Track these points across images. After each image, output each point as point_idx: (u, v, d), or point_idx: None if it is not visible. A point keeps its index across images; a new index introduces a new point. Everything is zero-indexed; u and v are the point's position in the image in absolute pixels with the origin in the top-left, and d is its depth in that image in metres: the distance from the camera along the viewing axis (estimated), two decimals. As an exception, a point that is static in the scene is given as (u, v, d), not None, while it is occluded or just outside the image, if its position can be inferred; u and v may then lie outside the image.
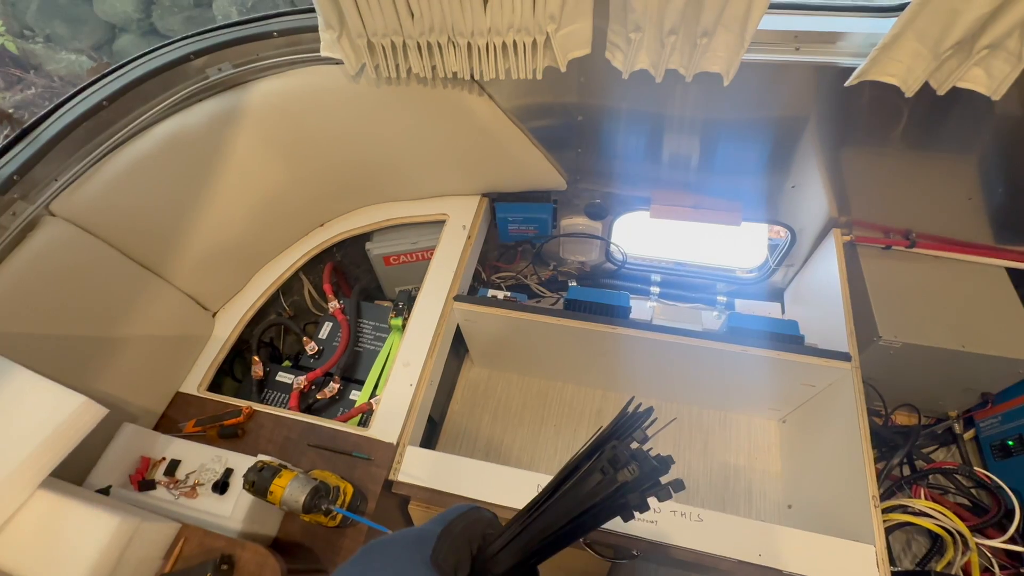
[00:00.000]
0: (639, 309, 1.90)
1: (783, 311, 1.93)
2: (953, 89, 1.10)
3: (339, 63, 1.32)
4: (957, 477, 1.65)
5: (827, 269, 1.63)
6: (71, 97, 1.21)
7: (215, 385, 1.55)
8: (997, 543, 1.45)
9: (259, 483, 1.04)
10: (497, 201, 1.83)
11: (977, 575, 1.44)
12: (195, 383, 1.48)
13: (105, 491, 1.15)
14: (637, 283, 2.09)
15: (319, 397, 1.58)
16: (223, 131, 1.38)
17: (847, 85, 1.16)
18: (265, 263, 1.74)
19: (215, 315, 1.63)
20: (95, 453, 1.22)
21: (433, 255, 1.67)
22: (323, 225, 1.83)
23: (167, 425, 1.40)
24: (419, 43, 1.22)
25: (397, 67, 1.30)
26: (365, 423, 1.46)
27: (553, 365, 1.88)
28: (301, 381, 1.59)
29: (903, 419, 1.83)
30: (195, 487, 1.21)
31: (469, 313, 1.59)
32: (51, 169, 1.16)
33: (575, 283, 2.11)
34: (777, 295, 2.00)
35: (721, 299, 2.00)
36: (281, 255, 1.76)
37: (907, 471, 1.72)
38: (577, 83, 1.38)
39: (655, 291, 2.04)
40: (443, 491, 1.24)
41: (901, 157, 1.39)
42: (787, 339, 1.46)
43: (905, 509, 1.56)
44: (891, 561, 1.41)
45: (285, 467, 1.08)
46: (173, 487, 1.21)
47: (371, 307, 1.83)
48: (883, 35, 1.05)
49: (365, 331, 1.77)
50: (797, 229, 1.72)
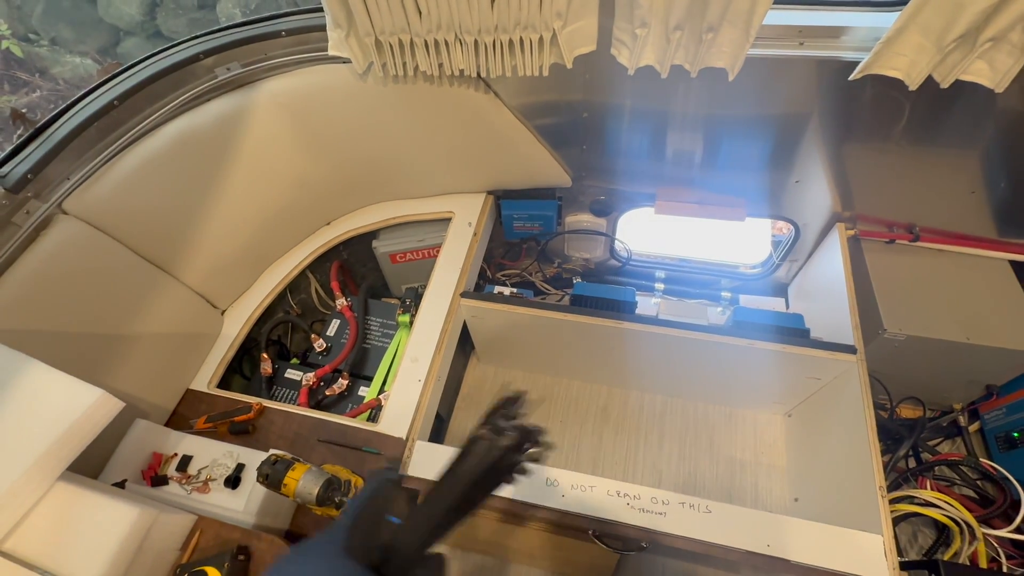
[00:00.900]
0: (644, 305, 1.91)
1: (787, 306, 1.94)
2: (956, 83, 1.11)
3: (347, 62, 1.33)
4: (962, 469, 1.66)
5: (831, 263, 1.63)
6: (82, 97, 1.23)
7: (224, 383, 1.56)
8: (1003, 533, 1.45)
9: (273, 476, 1.05)
10: (502, 198, 1.84)
11: (984, 565, 1.45)
12: (205, 380, 1.50)
13: (121, 485, 1.16)
14: (642, 280, 2.10)
15: (328, 393, 1.60)
16: (232, 130, 1.40)
17: (851, 79, 1.17)
18: (273, 261, 1.75)
19: (224, 313, 1.65)
20: (108, 450, 1.24)
21: (439, 252, 1.68)
22: (330, 223, 1.84)
23: (178, 422, 1.42)
24: (426, 41, 1.24)
25: (404, 65, 1.31)
26: (374, 419, 1.47)
27: (558, 361, 1.89)
28: (310, 378, 1.60)
29: (908, 412, 1.84)
30: (207, 482, 1.22)
31: (476, 309, 1.60)
32: (64, 168, 1.18)
33: (580, 280, 2.12)
34: (781, 290, 2.01)
35: (726, 295, 2.01)
36: (288, 253, 1.78)
37: (913, 463, 1.73)
38: (583, 80, 1.39)
39: (660, 287, 2.05)
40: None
41: (904, 151, 1.40)
42: (793, 332, 1.47)
43: (912, 500, 1.57)
44: (898, 552, 1.42)
45: (298, 461, 1.10)
46: (185, 482, 1.22)
47: (378, 304, 1.85)
48: (887, 29, 1.06)
49: (372, 328, 1.78)
50: (801, 224, 1.73)
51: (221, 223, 1.48)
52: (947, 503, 1.50)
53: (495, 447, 0.55)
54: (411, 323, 1.56)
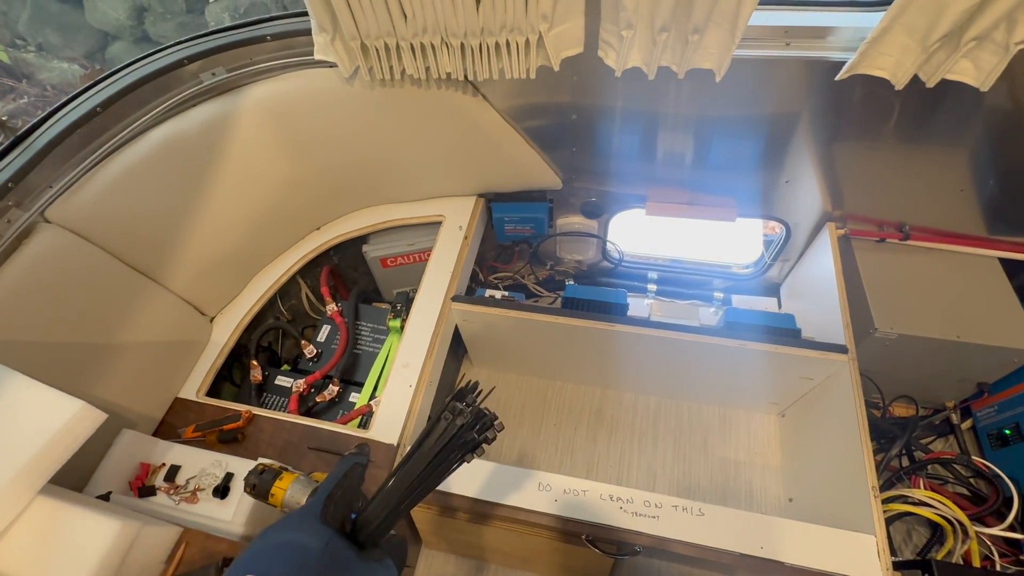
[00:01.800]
0: (637, 307, 1.91)
1: (780, 306, 1.94)
2: (943, 82, 1.11)
3: (333, 66, 1.32)
4: (955, 467, 1.66)
5: (822, 263, 1.64)
6: (65, 104, 1.21)
7: (214, 390, 1.55)
8: (996, 531, 1.46)
9: (260, 486, 1.03)
10: (493, 201, 1.84)
11: (977, 563, 1.45)
12: (194, 388, 1.48)
13: (105, 497, 1.15)
14: (634, 281, 2.10)
15: (319, 400, 1.58)
16: (218, 136, 1.38)
17: (837, 79, 1.17)
18: (262, 267, 1.74)
19: (213, 320, 1.63)
20: (94, 460, 1.22)
21: (430, 256, 1.67)
22: (319, 228, 1.82)
23: (166, 431, 1.40)
24: (412, 44, 1.23)
25: (391, 69, 1.30)
26: (365, 425, 1.46)
27: (552, 364, 1.88)
28: (300, 384, 1.59)
29: (901, 410, 1.84)
30: (195, 492, 1.20)
31: (467, 313, 1.59)
32: (46, 176, 1.16)
33: (572, 282, 2.11)
34: (774, 290, 2.01)
35: (718, 295, 2.01)
36: (278, 259, 1.76)
37: (906, 462, 1.73)
38: (570, 82, 1.39)
39: (652, 288, 2.05)
40: (444, 491, 1.24)
41: (893, 150, 1.41)
42: (784, 332, 1.47)
43: (905, 499, 1.57)
44: (892, 551, 1.41)
45: (286, 470, 1.08)
46: (173, 493, 1.20)
47: (369, 309, 1.83)
48: (872, 29, 1.06)
49: (363, 333, 1.77)
50: (792, 224, 1.73)
51: (208, 230, 1.47)
52: (940, 502, 1.50)
53: (453, 425, 0.64)
54: (402, 328, 1.55)
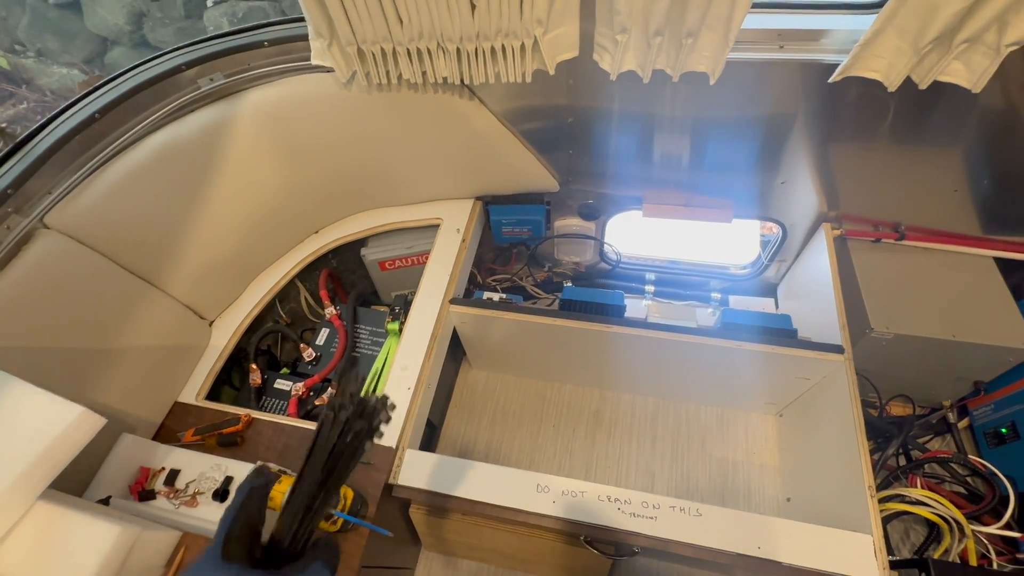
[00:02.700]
0: (634, 308, 1.91)
1: (777, 306, 1.95)
2: (936, 83, 1.12)
3: (330, 71, 1.33)
4: (952, 465, 1.67)
5: (818, 263, 1.64)
6: (64, 110, 1.22)
7: (213, 394, 1.55)
8: (993, 529, 1.46)
9: (259, 489, 1.04)
10: (490, 204, 1.85)
11: (974, 562, 1.46)
12: (193, 392, 1.48)
13: (105, 501, 1.15)
14: (632, 282, 2.10)
15: (318, 403, 1.59)
16: (216, 141, 1.39)
17: (831, 81, 1.18)
18: (260, 271, 1.74)
19: (212, 324, 1.64)
20: (94, 465, 1.22)
21: (428, 259, 1.68)
22: (318, 232, 1.83)
23: (166, 435, 1.40)
24: (409, 49, 1.24)
25: (388, 74, 1.31)
26: (364, 428, 1.46)
27: (550, 366, 1.89)
28: (299, 388, 1.59)
29: (898, 410, 1.85)
30: (195, 496, 1.21)
31: (465, 316, 1.59)
32: (45, 182, 1.16)
33: (570, 284, 2.12)
34: (771, 290, 2.02)
35: (715, 296, 2.01)
36: (276, 263, 1.77)
37: (903, 461, 1.73)
38: (566, 85, 1.40)
39: (650, 290, 2.06)
40: (443, 493, 1.24)
41: (888, 151, 1.41)
42: (781, 333, 1.47)
43: (902, 498, 1.57)
44: (890, 550, 1.42)
45: (285, 473, 1.09)
46: (173, 497, 1.21)
47: (368, 312, 1.84)
48: (864, 32, 1.07)
49: (362, 336, 1.77)
50: (788, 225, 1.74)
51: (207, 234, 1.47)
52: (937, 501, 1.50)
53: (338, 421, 0.61)
54: (400, 331, 1.56)
